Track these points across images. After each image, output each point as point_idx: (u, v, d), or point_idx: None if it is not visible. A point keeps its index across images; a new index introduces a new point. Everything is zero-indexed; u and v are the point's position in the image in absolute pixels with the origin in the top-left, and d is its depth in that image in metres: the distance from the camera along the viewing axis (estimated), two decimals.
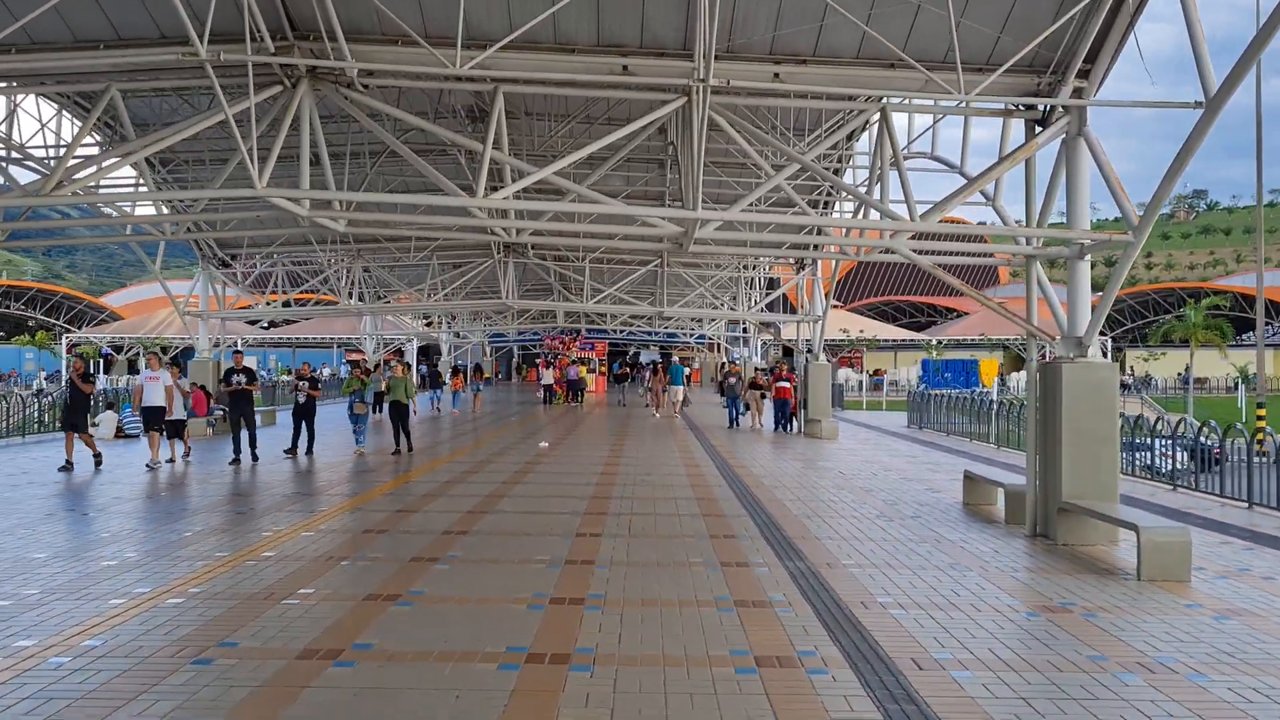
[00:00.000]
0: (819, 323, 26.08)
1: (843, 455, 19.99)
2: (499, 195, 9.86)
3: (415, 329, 50.88)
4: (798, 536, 10.48)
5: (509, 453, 19.53)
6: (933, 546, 10.05)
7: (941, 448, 22.38)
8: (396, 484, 14.55)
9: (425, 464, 17.31)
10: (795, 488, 14.62)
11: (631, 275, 28.02)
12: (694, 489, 14.35)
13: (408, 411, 18.31)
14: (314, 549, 9.48)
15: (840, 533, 10.76)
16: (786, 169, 10.73)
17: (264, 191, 9.51)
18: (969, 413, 26.28)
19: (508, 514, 11.83)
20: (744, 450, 20.63)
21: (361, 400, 18.05)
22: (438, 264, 27.06)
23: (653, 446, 21.21)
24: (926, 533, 10.86)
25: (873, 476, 16.26)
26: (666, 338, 59.59)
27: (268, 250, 26.22)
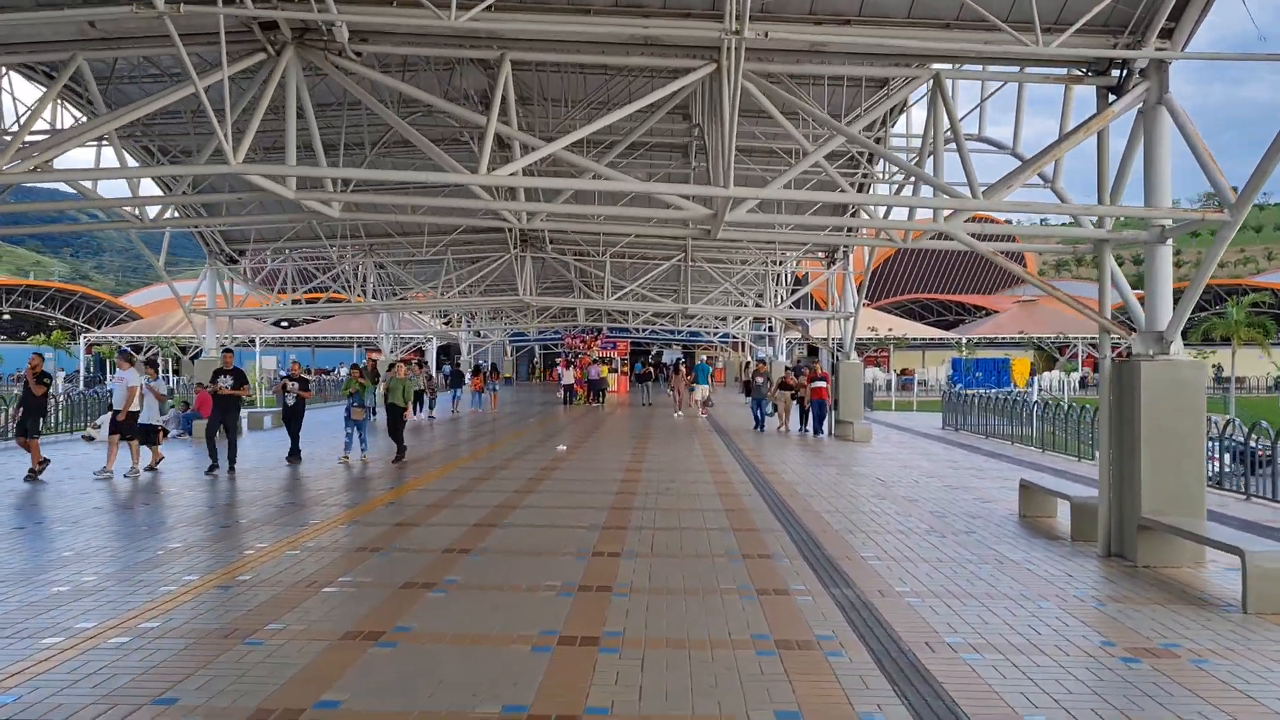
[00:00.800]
0: (850, 320, 24.85)
1: (878, 460, 18.78)
2: (504, 170, 8.74)
3: (434, 328, 49.95)
4: (841, 556, 9.31)
5: (524, 457, 18.44)
6: (996, 569, 8.85)
7: (982, 451, 21.11)
8: (399, 493, 13.48)
9: (436, 469, 16.25)
10: (831, 497, 13.43)
11: (655, 270, 26.86)
12: (722, 499, 13.20)
13: (401, 415, 17.04)
14: (293, 573, 8.39)
15: (888, 551, 9.58)
16: (828, 142, 9.53)
17: (239, 168, 8.43)
18: (1008, 414, 25.00)
19: (517, 528, 10.72)
20: (773, 454, 19.45)
21: (360, 404, 16.71)
22: (452, 259, 26.00)
23: (676, 450, 20.06)
24: (985, 551, 9.66)
25: (914, 484, 15.05)
26: (689, 337, 58.41)
27: (274, 245, 25.28)
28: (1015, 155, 12.60)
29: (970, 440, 24.28)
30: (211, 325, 25.99)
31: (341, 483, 14.60)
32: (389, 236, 25.58)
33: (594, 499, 12.93)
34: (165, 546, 9.53)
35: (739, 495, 13.54)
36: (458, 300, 27.07)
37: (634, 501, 12.75)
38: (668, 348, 72.82)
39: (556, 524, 11.05)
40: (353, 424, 16.55)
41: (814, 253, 27.86)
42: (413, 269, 29.82)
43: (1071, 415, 21.48)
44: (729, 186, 8.51)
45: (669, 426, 27.04)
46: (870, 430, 23.51)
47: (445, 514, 11.60)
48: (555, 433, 24.62)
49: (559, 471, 16.10)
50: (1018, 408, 24.99)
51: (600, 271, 26.24)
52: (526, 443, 21.59)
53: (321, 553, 9.23)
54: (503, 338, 64.09)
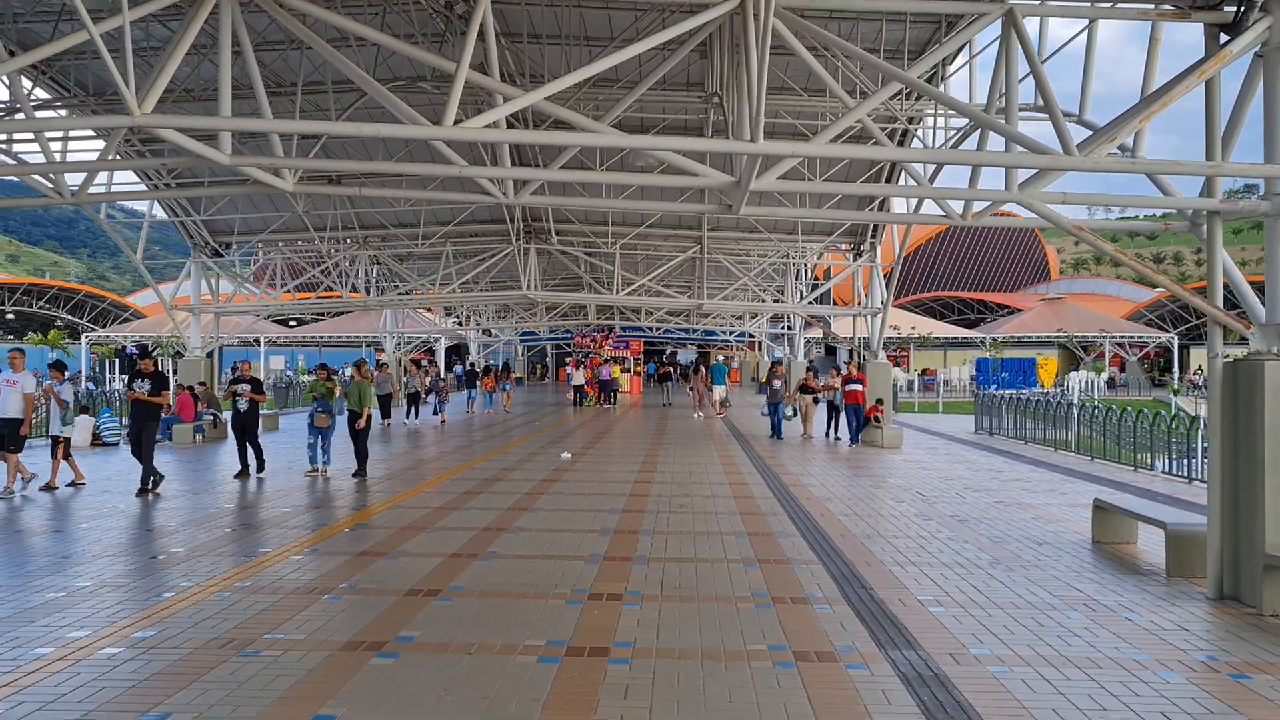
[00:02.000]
0: (879, 316, 23.11)
1: (913, 470, 17.02)
2: (476, 122, 7.05)
3: (440, 326, 48.36)
4: (893, 599, 7.60)
5: (524, 466, 16.77)
6: (1088, 619, 7.13)
7: (1024, 459, 19.33)
8: (369, 514, 11.83)
9: (423, 481, 14.60)
10: (869, 517, 11.71)
11: (668, 263, 25.16)
12: (744, 518, 11.49)
13: (366, 425, 14.86)
14: (209, 627, 6.74)
15: (950, 592, 7.86)
16: (877, 93, 7.79)
17: (144, 120, 6.77)
18: (1045, 417, 23.20)
19: (502, 560, 9.04)
20: (797, 464, 17.73)
21: (325, 410, 14.76)
22: (452, 252, 24.36)
23: (691, 458, 18.35)
24: (1067, 592, 7.93)
25: (959, 499, 13.31)
26: (705, 336, 56.69)
27: (260, 238, 23.74)
28: (1083, 123, 10.82)
29: (1007, 446, 22.50)
30: (196, 323, 24.48)
31: (301, 502, 12.95)
32: (383, 228, 23.97)
33: (596, 519, 11.25)
34: (62, 587, 7.90)
35: (762, 515, 11.82)
36: (458, 296, 25.47)
37: (641, 523, 11.07)
38: (682, 347, 71.17)
39: (549, 553, 9.36)
40: (317, 431, 14.69)
41: (838, 245, 26.12)
42: (414, 264, 28.26)
43: (1124, 420, 19.71)
44: (758, 140, 6.80)
45: (683, 430, 25.35)
46: (901, 435, 21.76)
47: (419, 540, 9.93)
48: (561, 437, 22.95)
49: (560, 484, 14.43)
50: (1058, 411, 23.22)
51: (609, 265, 24.55)
52: (529, 449, 19.92)
53: (254, 597, 7.57)
54: (513, 337, 62.52)
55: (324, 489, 13.75)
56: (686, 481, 14.84)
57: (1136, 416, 20.03)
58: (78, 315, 75.32)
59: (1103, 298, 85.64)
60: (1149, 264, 48.88)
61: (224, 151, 7.78)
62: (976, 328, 70.14)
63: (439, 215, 23.50)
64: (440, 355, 63.72)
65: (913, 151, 11.42)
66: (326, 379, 15.08)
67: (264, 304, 25.54)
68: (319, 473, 14.81)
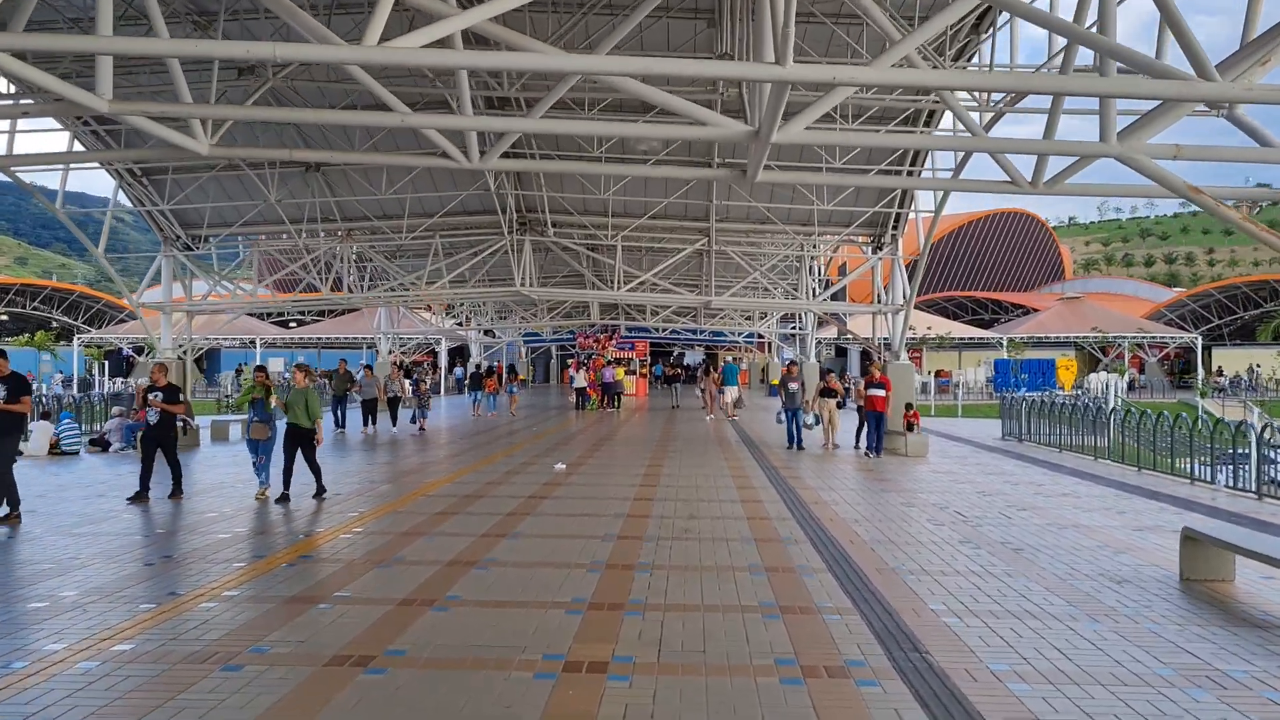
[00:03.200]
0: (901, 314, 21.37)
1: (945, 484, 15.28)
2: (407, 41, 5.34)
3: (439, 327, 46.69)
4: (958, 668, 5.88)
5: (513, 479, 15.08)
6: (1220, 700, 5.40)
7: (1064, 469, 17.59)
8: (311, 544, 10.14)
9: (392, 500, 12.91)
10: (907, 544, 9.98)
11: (674, 256, 23.42)
12: (760, 547, 9.77)
13: (311, 439, 12.58)
14: (58, 712, 5.05)
15: (1030, 658, 6.13)
16: (939, 16, 6.04)
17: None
18: (1080, 422, 21.44)
19: (463, 609, 7.34)
20: (817, 478, 16.01)
21: (262, 419, 12.61)
22: (441, 245, 22.66)
23: (698, 470, 16.63)
24: (1179, 657, 6.21)
25: (1006, 521, 11.57)
26: (713, 337, 54.92)
27: (230, 231, 22.07)
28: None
29: (1041, 454, 20.74)
30: (167, 322, 22.86)
31: (231, 530, 11.28)
32: (367, 220, 22.27)
33: (585, 550, 9.53)
34: None
35: (781, 542, 10.10)
36: (447, 292, 23.78)
37: (639, 554, 9.35)
38: (689, 348, 69.46)
39: (524, 596, 7.65)
40: (254, 445, 12.63)
41: (853, 238, 24.37)
42: (409, 261, 26.57)
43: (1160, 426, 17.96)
44: (786, 61, 5.09)
45: (689, 436, 23.63)
46: (926, 443, 20.00)
47: (367, 580, 8.22)
48: (558, 444, 21.24)
49: (549, 502, 12.71)
50: (1094, 415, 21.46)
51: (612, 260, 22.84)
52: (521, 458, 18.22)
53: (133, 666, 5.88)
54: (515, 338, 60.86)
55: (269, 513, 11.98)
56: (693, 498, 13.12)
57: (1175, 422, 18.28)
58: (73, 316, 73.81)
59: (1119, 297, 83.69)
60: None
61: (103, 95, 6.10)
62: (990, 328, 68.32)
63: (426, 205, 21.80)
64: (443, 357, 62.37)
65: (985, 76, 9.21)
66: (264, 380, 12.83)
67: (241, 302, 23.85)
68: (260, 494, 12.65)
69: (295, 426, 12.50)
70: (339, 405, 22.94)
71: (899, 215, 20.87)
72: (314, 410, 12.44)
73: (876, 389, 18.39)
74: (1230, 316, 67.30)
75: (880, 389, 18.35)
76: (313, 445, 12.65)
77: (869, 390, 18.54)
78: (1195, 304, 68.02)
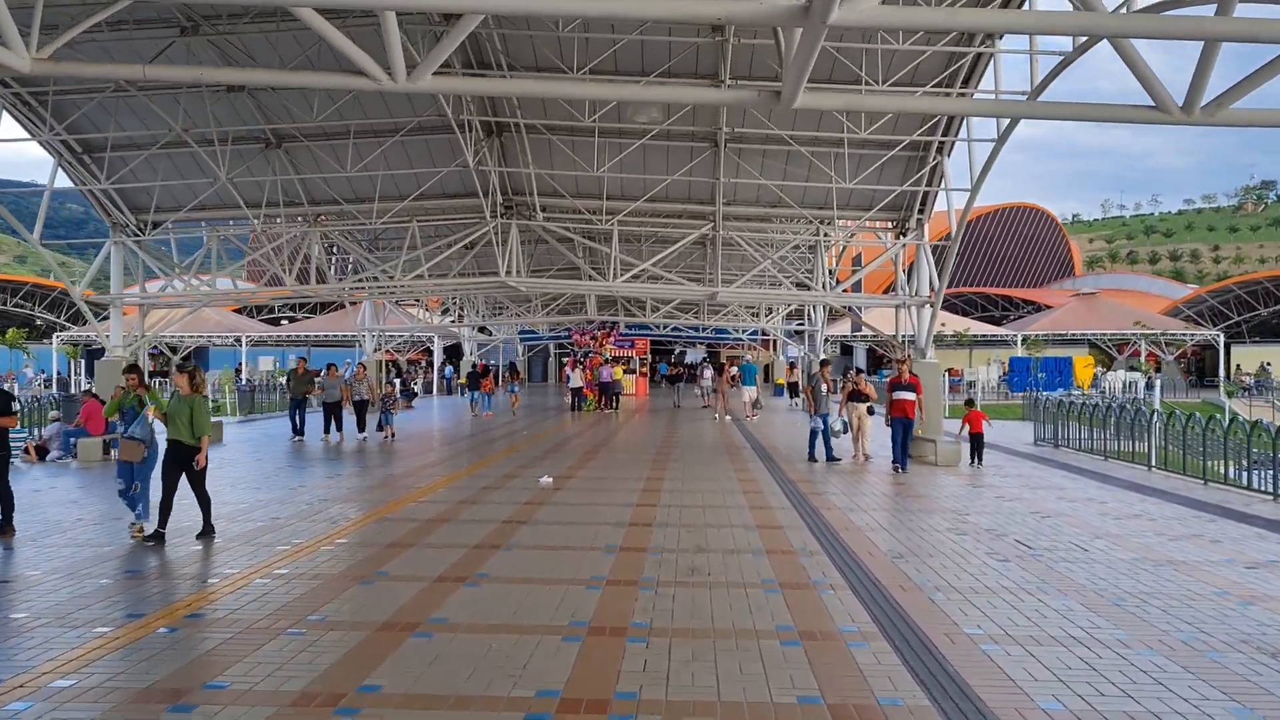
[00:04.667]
0: (928, 307, 19.23)
1: (991, 502, 13.16)
2: None
3: (428, 323, 44.55)
4: None
5: (489, 496, 12.96)
6: None
7: (1118, 482, 15.48)
8: (205, 599, 8.02)
9: (341, 526, 10.79)
10: (973, 590, 7.85)
11: (679, 242, 21.23)
12: (786, 596, 7.64)
13: (194, 458, 9.84)
14: None
15: None
16: None
17: None
18: (1125, 427, 19.31)
19: (410, 674, 5.21)
20: (843, 495, 13.89)
21: (132, 437, 9.87)
22: (418, 232, 20.48)
23: (705, 486, 14.51)
24: None
25: (1083, 555, 9.44)
26: (716, 334, 52.75)
27: (179, 215, 19.89)
28: None
29: (1084, 462, 18.64)
30: (117, 316, 20.75)
31: (99, 578, 9.15)
32: (335, 203, 20.10)
33: (565, 602, 7.41)
34: None
35: (812, 587, 7.97)
36: (425, 284, 21.58)
37: (633, 607, 7.24)
38: (691, 346, 67.36)
39: (475, 688, 5.52)
40: (125, 468, 9.90)
41: (868, 226, 22.22)
42: (388, 250, 24.44)
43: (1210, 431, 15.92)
44: None
45: (694, 442, 21.51)
46: (959, 452, 17.87)
47: (271, 649, 6.09)
48: (548, 452, 19.12)
49: (526, 530, 10.57)
50: (1137, 419, 19.33)
51: (606, 248, 20.68)
52: (504, 469, 16.10)
53: None
54: (512, 335, 58.74)
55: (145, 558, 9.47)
56: (699, 523, 10.99)
57: (1229, 427, 16.17)
58: (54, 313, 71.69)
59: (1134, 294, 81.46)
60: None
61: None
62: (1001, 324, 66.14)
63: (401, 186, 19.60)
64: (437, 355, 60.24)
65: None
66: (137, 385, 10.16)
67: (198, 294, 21.69)
68: (140, 530, 9.91)
69: (177, 444, 9.83)
70: (298, 409, 20.69)
71: (927, 195, 18.70)
72: (200, 424, 9.81)
73: (904, 391, 15.81)
74: (1250, 313, 65.06)
75: (909, 391, 15.81)
76: (199, 466, 9.89)
77: (895, 393, 15.93)
78: (1215, 299, 65.74)
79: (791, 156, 18.12)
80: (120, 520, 10.69)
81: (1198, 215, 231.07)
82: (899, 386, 15.99)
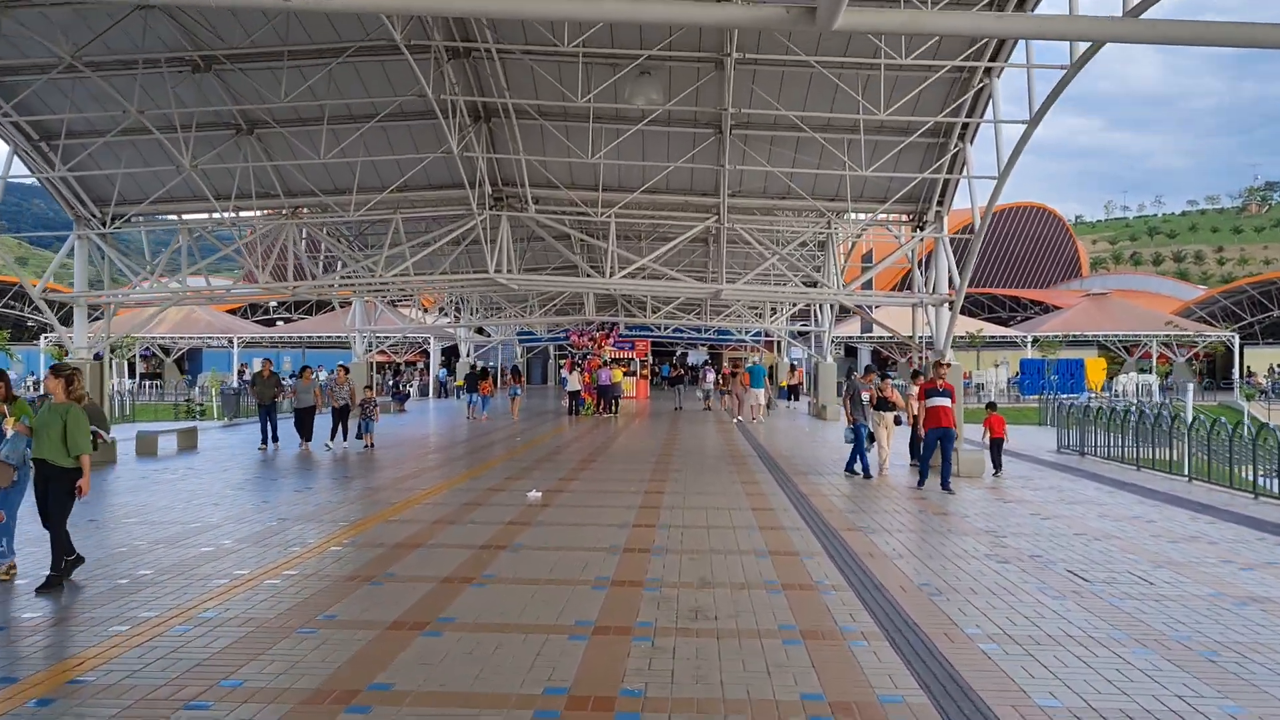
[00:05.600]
0: (946, 306, 17.93)
1: (1030, 521, 11.84)
2: None
3: (421, 324, 43.24)
4: None
5: (469, 515, 11.65)
6: None
7: (1160, 495, 14.18)
8: (87, 664, 6.72)
9: (282, 559, 9.48)
10: (1031, 640, 6.54)
11: (678, 238, 19.91)
12: (811, 650, 6.32)
13: (71, 486, 8.03)
14: None
15: None
16: None
17: None
18: (1160, 435, 18.02)
19: None
20: (861, 514, 12.61)
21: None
22: (403, 223, 19.16)
23: (710, 503, 13.21)
24: None
25: (1154, 594, 8.13)
26: (718, 335, 51.42)
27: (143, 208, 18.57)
28: None
29: (1116, 473, 17.35)
30: (81, 316, 19.48)
31: None
32: (313, 195, 18.78)
33: (546, 655, 6.09)
34: None
35: (840, 637, 6.65)
36: (409, 278, 20.21)
37: (624, 665, 5.93)
38: (693, 348, 66.08)
39: None
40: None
41: (881, 221, 20.94)
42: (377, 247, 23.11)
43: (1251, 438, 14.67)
44: None
45: (697, 449, 20.20)
46: (982, 460, 16.56)
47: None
48: (542, 460, 17.83)
49: (504, 559, 9.25)
50: (1173, 426, 18.02)
51: (604, 242, 19.37)
52: (489, 481, 14.80)
53: None
54: (510, 336, 57.44)
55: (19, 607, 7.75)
56: (703, 549, 9.67)
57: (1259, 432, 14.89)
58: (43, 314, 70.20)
59: (1143, 294, 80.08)
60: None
61: None
62: (1008, 325, 64.81)
63: (383, 175, 18.26)
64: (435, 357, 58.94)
65: None
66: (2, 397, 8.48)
67: (167, 292, 20.38)
68: (9, 572, 8.16)
69: (44, 464, 7.99)
70: (267, 416, 19.26)
71: (947, 184, 17.38)
72: (76, 440, 7.95)
73: (939, 398, 13.93)
74: (1263, 314, 63.73)
75: (945, 398, 13.96)
76: (71, 496, 8.06)
77: (930, 400, 13.98)
78: (1228, 300, 64.42)
79: (802, 143, 16.80)
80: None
81: (1201, 216, 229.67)
82: (934, 393, 14.05)
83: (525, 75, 15.90)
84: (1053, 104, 11.99)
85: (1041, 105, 12.15)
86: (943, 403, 13.79)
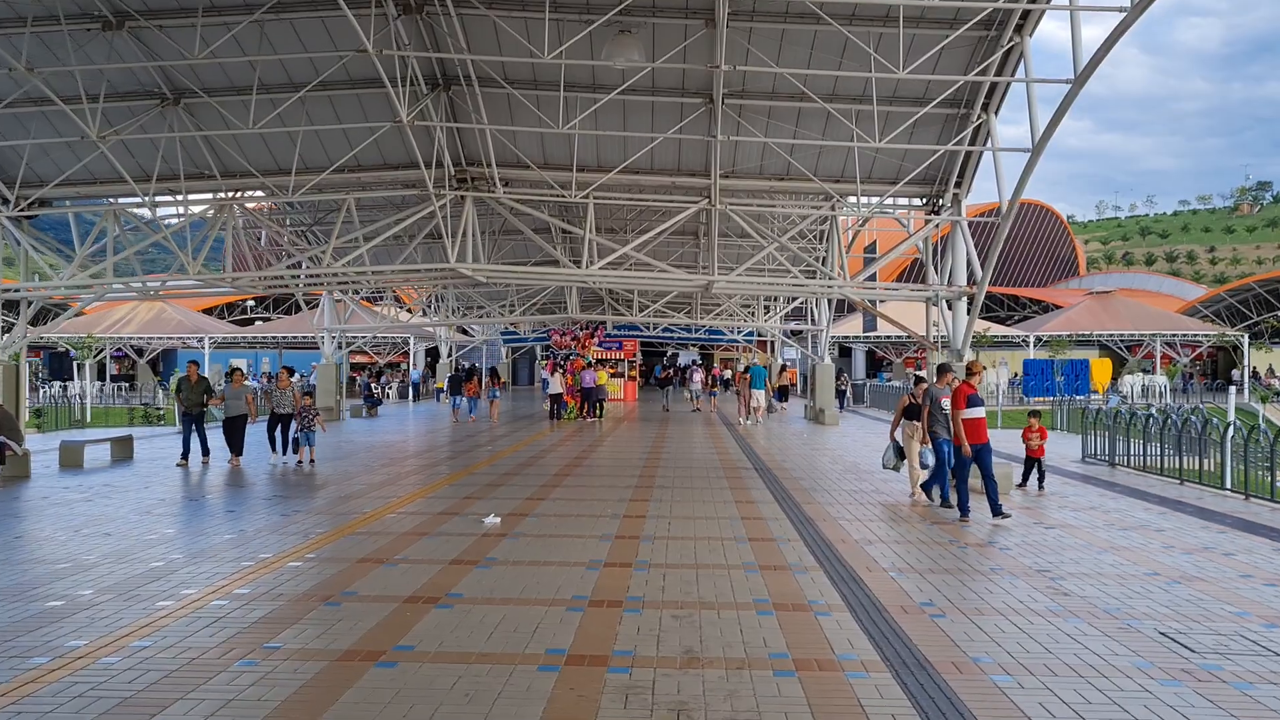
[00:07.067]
0: (964, 300, 15.95)
1: (1082, 555, 9.84)
2: None
3: (398, 323, 41.16)
4: None
5: (415, 544, 9.61)
6: None
7: (1217, 516, 12.19)
8: None
9: (198, 593, 7.42)
10: None
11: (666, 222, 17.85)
12: None
13: None
14: None
15: None
16: None
17: None
18: (1206, 444, 16.08)
19: None
20: (879, 540, 10.63)
21: None
22: (356, 212, 17.07)
23: (699, 531, 11.20)
24: None
25: (1277, 667, 6.15)
26: (709, 335, 49.44)
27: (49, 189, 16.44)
28: None
29: (1158, 487, 15.41)
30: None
31: None
32: (250, 176, 16.66)
33: None
34: None
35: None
36: (363, 269, 18.07)
37: None
38: (683, 348, 64.20)
39: None
40: None
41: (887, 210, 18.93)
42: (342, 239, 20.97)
43: None
44: None
45: (685, 460, 18.18)
46: (1009, 475, 14.57)
47: None
48: (511, 473, 15.80)
49: (441, 611, 7.20)
50: (1206, 433, 16.11)
51: (581, 229, 17.32)
52: (443, 502, 12.75)
53: None
54: (493, 336, 55.41)
55: None
56: (691, 601, 7.63)
57: None
58: (12, 314, 67.85)
59: (1145, 293, 78.43)
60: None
61: None
62: (1007, 324, 62.99)
63: (330, 151, 16.17)
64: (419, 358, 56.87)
65: None
66: None
67: (87, 285, 18.27)
68: None
69: None
70: (193, 425, 16.89)
71: (968, 159, 15.38)
72: None
73: (975, 408, 11.61)
74: (1269, 313, 62.00)
75: (980, 407, 11.69)
76: None
77: (971, 410, 11.60)
78: (1233, 299, 62.70)
79: (804, 115, 14.80)
80: None
81: (1193, 216, 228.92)
82: (974, 400, 11.69)
83: (488, 34, 13.86)
84: (1108, 53, 10.00)
85: (1095, 54, 10.14)
86: (977, 413, 11.62)
